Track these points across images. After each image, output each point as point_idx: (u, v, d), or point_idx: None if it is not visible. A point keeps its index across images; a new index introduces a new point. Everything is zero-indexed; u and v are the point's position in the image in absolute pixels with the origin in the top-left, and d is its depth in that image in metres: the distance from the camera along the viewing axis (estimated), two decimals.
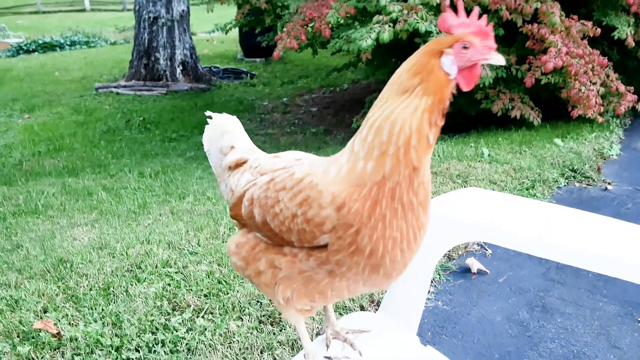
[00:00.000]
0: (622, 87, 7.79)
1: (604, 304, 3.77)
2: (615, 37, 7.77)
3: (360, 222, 1.49)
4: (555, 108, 8.34)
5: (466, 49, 1.45)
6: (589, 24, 7.60)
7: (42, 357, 2.94)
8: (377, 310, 2.29)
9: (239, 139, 2.11)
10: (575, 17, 7.65)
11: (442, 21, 1.50)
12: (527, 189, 5.57)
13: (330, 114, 12.83)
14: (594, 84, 7.46)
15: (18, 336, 3.16)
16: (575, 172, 6.22)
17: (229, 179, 2.02)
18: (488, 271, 4.14)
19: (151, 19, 15.75)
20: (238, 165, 2.01)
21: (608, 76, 7.77)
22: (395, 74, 1.51)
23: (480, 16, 1.48)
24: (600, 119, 7.58)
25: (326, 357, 1.88)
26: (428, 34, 6.82)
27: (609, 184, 6.00)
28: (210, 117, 2.17)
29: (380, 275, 1.59)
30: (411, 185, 1.48)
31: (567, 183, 5.99)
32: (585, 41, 7.62)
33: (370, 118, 1.50)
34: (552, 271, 4.14)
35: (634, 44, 7.87)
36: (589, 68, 7.43)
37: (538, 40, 7.40)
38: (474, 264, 4.14)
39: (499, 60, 1.47)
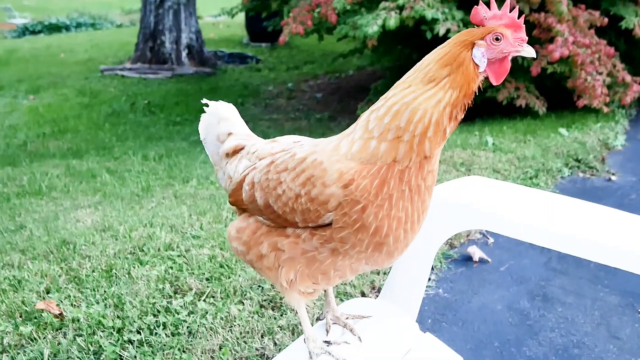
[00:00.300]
0: (628, 78, 7.77)
1: (604, 294, 3.77)
2: (623, 27, 7.74)
3: (367, 199, 1.50)
4: (560, 97, 8.32)
5: (498, 41, 1.45)
6: (597, 13, 7.57)
7: (44, 338, 2.96)
8: (377, 296, 2.30)
9: (235, 125, 2.10)
10: (583, 6, 7.61)
11: (475, 13, 1.49)
12: (530, 178, 5.57)
13: (335, 100, 12.81)
14: (600, 73, 7.44)
15: (21, 316, 3.18)
16: (579, 162, 6.22)
17: (227, 166, 2.03)
18: (490, 260, 4.14)
19: (157, 2, 15.71)
20: (235, 151, 2.01)
21: (614, 66, 7.74)
22: (423, 60, 1.49)
23: (512, 8, 1.46)
24: (605, 109, 7.57)
25: (326, 341, 1.88)
26: (434, 21, 6.80)
27: (613, 174, 5.99)
28: (206, 105, 2.16)
29: (383, 254, 1.61)
30: (421, 171, 1.50)
31: (571, 173, 5.99)
32: (592, 31, 7.59)
33: (390, 99, 1.49)
34: (554, 261, 4.14)
35: None
36: (596, 58, 7.41)
37: (545, 29, 7.37)
38: (476, 253, 4.14)
39: (531, 52, 1.48)
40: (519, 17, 1.47)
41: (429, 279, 3.86)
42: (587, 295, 3.76)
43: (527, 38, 1.47)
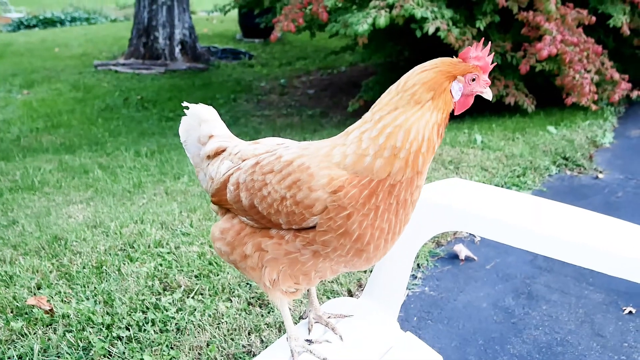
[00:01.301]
0: (616, 75, 7.83)
1: (589, 292, 3.83)
2: (611, 25, 7.79)
3: (354, 207, 1.57)
4: (549, 95, 8.37)
5: (473, 81, 1.61)
6: (585, 12, 7.62)
7: (34, 333, 3.00)
8: None
9: (215, 127, 2.13)
10: (571, 5, 7.66)
11: (467, 51, 1.62)
12: (518, 176, 5.63)
13: (327, 96, 12.84)
14: (589, 71, 7.50)
15: (12, 312, 3.22)
16: (567, 159, 6.28)
17: (208, 168, 2.06)
18: (476, 258, 4.20)
19: None
20: (217, 153, 2.04)
21: (603, 64, 7.80)
22: (407, 81, 1.60)
23: (490, 51, 1.62)
24: (594, 107, 7.63)
25: (307, 340, 1.93)
26: (424, 19, 6.84)
27: (601, 172, 6.05)
28: (187, 108, 2.18)
29: (362, 259, 1.69)
30: (410, 186, 1.60)
31: (559, 171, 6.04)
32: (581, 29, 7.64)
33: (381, 122, 1.58)
34: (540, 259, 4.19)
35: (629, 32, 7.89)
36: (584, 56, 7.46)
37: (533, 28, 7.42)
38: (462, 251, 4.20)
39: (489, 95, 1.66)
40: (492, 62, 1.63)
41: (415, 277, 3.92)
42: (572, 293, 3.81)
43: (489, 82, 1.64)
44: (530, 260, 4.19)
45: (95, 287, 3.44)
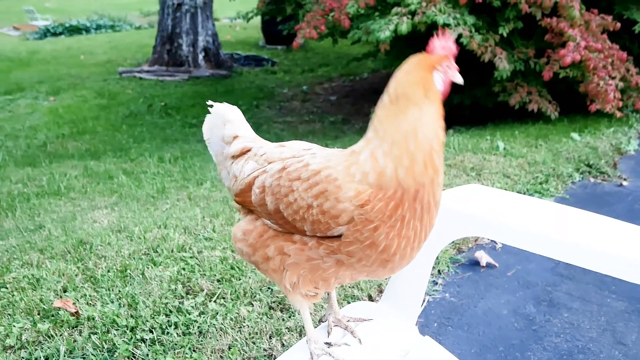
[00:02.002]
0: None
1: (611, 300, 3.79)
2: (637, 31, 7.73)
3: (381, 220, 1.57)
4: (573, 102, 8.31)
5: (448, 69, 1.64)
6: (609, 17, 7.57)
7: (60, 335, 3.06)
8: None
9: (240, 128, 2.14)
10: (596, 10, 7.61)
11: (432, 44, 1.66)
12: (540, 183, 5.59)
13: (349, 103, 12.87)
14: (613, 78, 7.43)
15: (38, 314, 3.29)
16: (590, 167, 6.22)
17: (232, 167, 2.07)
18: (497, 264, 4.18)
19: (175, 5, 15.88)
20: (242, 153, 2.05)
21: (628, 70, 7.73)
22: (397, 88, 1.61)
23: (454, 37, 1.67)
24: (618, 114, 7.55)
25: (327, 342, 1.95)
26: (446, 26, 6.83)
27: (625, 179, 5.99)
28: (211, 107, 2.20)
29: (387, 269, 1.70)
30: (432, 186, 1.60)
31: (582, 178, 5.99)
32: (605, 35, 7.59)
33: (388, 134, 1.59)
34: (561, 266, 4.17)
35: None
36: (608, 62, 7.40)
37: (557, 34, 7.37)
38: (483, 257, 4.19)
39: (460, 79, 1.67)
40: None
41: (436, 283, 3.92)
42: (594, 301, 3.78)
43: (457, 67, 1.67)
44: (552, 268, 4.16)
45: (119, 291, 3.50)
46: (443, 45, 1.66)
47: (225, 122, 2.14)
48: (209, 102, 2.21)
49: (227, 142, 2.12)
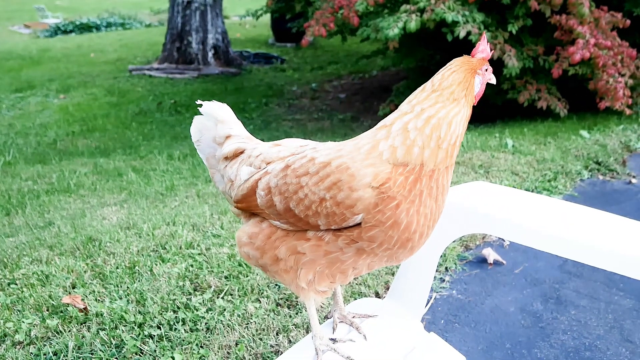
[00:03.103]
0: None
1: (619, 297, 3.78)
2: None
3: (402, 195, 1.61)
4: (582, 99, 8.27)
5: (487, 72, 1.77)
6: (619, 15, 7.53)
7: (69, 331, 3.09)
8: None
9: (232, 127, 2.09)
10: (605, 7, 7.57)
11: (477, 47, 1.76)
12: (549, 181, 5.58)
13: (358, 101, 12.87)
14: (623, 75, 7.40)
15: (47, 310, 3.32)
16: (599, 164, 6.19)
17: (226, 169, 2.04)
18: (504, 262, 4.18)
19: (185, 3, 15.93)
20: (236, 155, 2.03)
21: (638, 68, 7.69)
22: (442, 81, 1.70)
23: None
24: (628, 111, 7.52)
25: (332, 338, 1.96)
26: (455, 23, 6.83)
27: (634, 177, 5.96)
28: (200, 106, 2.12)
29: (407, 249, 1.72)
30: (447, 172, 1.68)
31: (591, 175, 5.97)
32: (615, 32, 7.55)
33: (425, 112, 1.65)
34: (569, 264, 4.15)
35: None
36: (618, 60, 7.37)
37: (566, 31, 7.35)
38: (491, 255, 4.18)
39: (494, 80, 1.81)
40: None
41: (443, 280, 3.92)
42: (601, 299, 3.77)
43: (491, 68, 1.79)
44: (560, 265, 4.15)
45: (128, 287, 3.52)
46: (484, 49, 1.75)
47: (216, 121, 2.10)
48: (198, 102, 2.15)
49: (219, 142, 2.09)
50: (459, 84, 1.68)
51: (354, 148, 1.69)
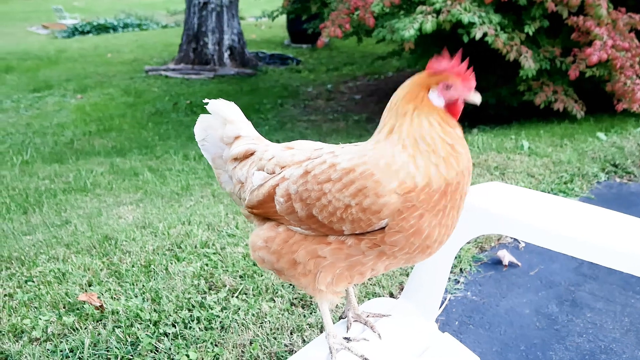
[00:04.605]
0: None
1: (635, 300, 3.75)
2: None
3: (426, 209, 1.61)
4: (599, 101, 8.21)
5: (449, 88, 1.68)
6: (637, 16, 7.46)
7: (85, 328, 3.12)
8: None
9: (241, 127, 2.06)
10: (623, 9, 7.51)
11: (430, 65, 1.71)
12: (565, 183, 5.54)
13: (374, 102, 12.86)
14: None
15: (64, 307, 3.35)
16: (616, 167, 6.15)
17: (235, 170, 2.02)
18: (519, 264, 4.16)
19: (201, 4, 16.01)
20: (246, 156, 2.00)
21: None
22: (390, 101, 1.73)
23: (463, 58, 1.70)
24: None
25: (346, 337, 1.96)
26: (471, 25, 6.81)
27: None
28: (206, 104, 2.09)
29: (425, 254, 1.74)
30: (469, 177, 1.69)
31: (608, 178, 5.92)
32: (633, 34, 7.48)
33: (415, 134, 1.65)
34: (585, 266, 4.13)
35: None
36: (636, 61, 7.30)
37: (583, 33, 7.30)
38: (506, 256, 4.17)
39: (476, 99, 1.70)
40: (467, 69, 1.69)
41: (458, 282, 3.91)
42: (617, 301, 3.74)
43: (474, 85, 1.71)
44: (575, 268, 4.13)
45: (143, 285, 3.55)
46: (445, 67, 1.69)
47: (225, 121, 2.07)
48: (205, 100, 2.12)
49: (228, 143, 2.06)
50: (404, 98, 1.69)
51: (378, 156, 1.67)
